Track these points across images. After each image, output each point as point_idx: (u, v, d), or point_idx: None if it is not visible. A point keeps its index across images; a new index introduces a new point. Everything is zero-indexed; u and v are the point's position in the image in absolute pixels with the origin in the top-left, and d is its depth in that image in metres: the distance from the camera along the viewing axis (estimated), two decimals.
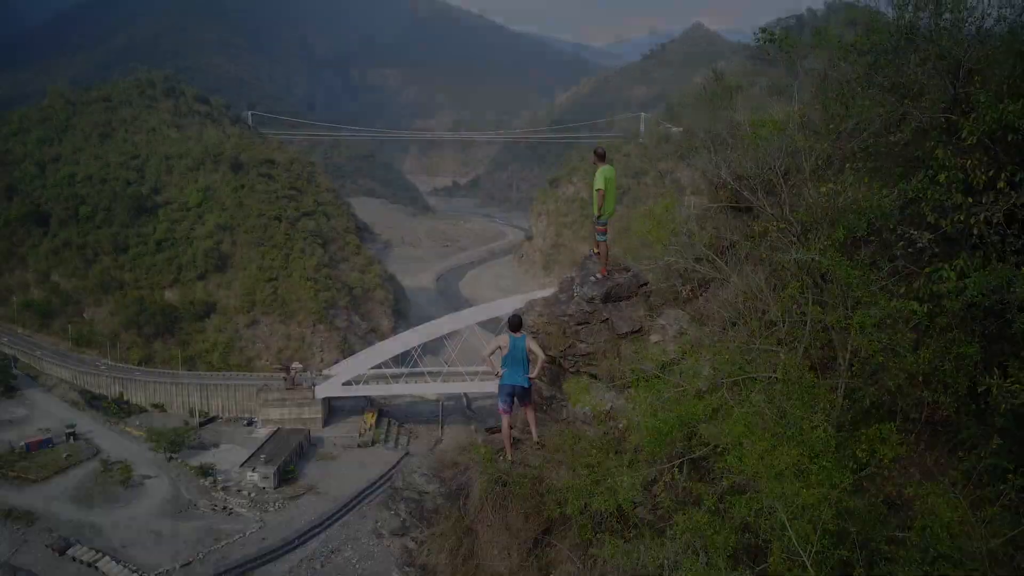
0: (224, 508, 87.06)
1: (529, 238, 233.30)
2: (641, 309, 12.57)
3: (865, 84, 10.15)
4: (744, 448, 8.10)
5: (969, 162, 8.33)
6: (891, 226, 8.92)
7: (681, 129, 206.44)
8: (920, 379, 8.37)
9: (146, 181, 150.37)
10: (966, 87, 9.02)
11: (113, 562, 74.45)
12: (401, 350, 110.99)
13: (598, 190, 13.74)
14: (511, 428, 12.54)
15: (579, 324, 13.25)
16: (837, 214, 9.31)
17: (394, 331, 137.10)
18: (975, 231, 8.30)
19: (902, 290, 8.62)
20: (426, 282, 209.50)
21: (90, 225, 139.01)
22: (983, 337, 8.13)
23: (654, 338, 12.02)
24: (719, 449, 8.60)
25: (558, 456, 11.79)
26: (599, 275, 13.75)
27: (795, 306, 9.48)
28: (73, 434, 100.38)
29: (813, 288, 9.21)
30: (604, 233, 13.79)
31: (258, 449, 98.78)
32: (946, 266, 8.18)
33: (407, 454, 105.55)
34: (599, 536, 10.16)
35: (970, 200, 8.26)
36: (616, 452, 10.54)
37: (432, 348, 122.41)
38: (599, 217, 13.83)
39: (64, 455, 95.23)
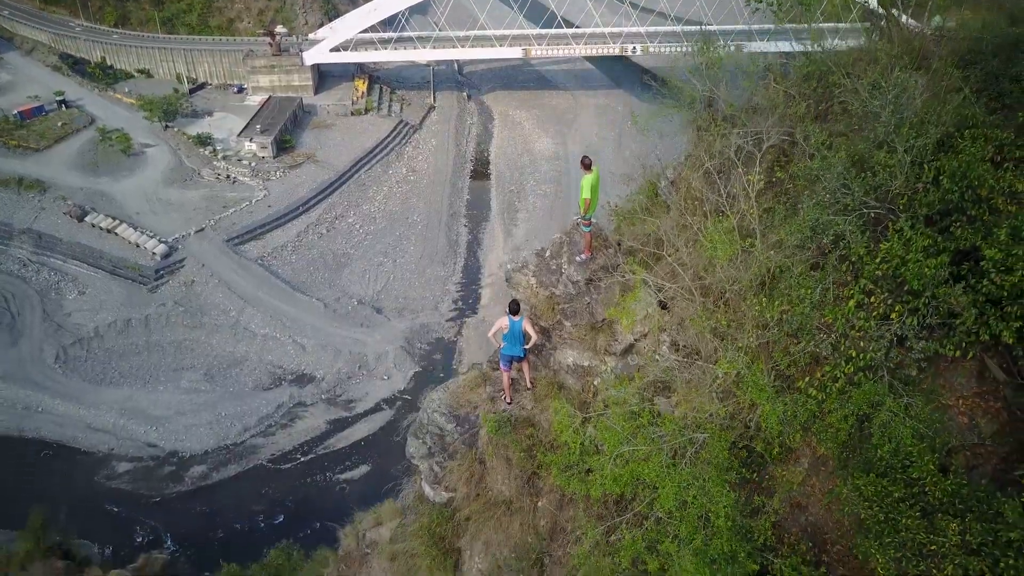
0: (228, 177, 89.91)
1: None
2: (617, 291, 15.26)
3: (809, 197, 11.87)
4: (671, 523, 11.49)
5: (873, 299, 10.35)
6: (808, 327, 10.96)
7: None
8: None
9: None
10: (891, 207, 10.91)
11: (131, 229, 78.76)
12: (388, 13, 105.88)
13: (585, 199, 16.21)
14: (510, 374, 16.39)
15: (566, 303, 16.58)
16: (773, 338, 11.58)
17: None
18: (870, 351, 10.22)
19: (807, 378, 10.89)
20: None
21: None
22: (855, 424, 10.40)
23: (626, 322, 14.80)
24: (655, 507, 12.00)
25: (545, 403, 15.84)
26: (584, 256, 16.49)
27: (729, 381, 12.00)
28: (63, 102, 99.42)
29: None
30: (588, 226, 16.47)
31: (253, 118, 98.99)
32: (842, 363, 10.39)
33: (401, 122, 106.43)
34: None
35: (868, 330, 10.29)
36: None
37: (420, 9, 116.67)
38: (584, 215, 16.33)
39: (59, 123, 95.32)
